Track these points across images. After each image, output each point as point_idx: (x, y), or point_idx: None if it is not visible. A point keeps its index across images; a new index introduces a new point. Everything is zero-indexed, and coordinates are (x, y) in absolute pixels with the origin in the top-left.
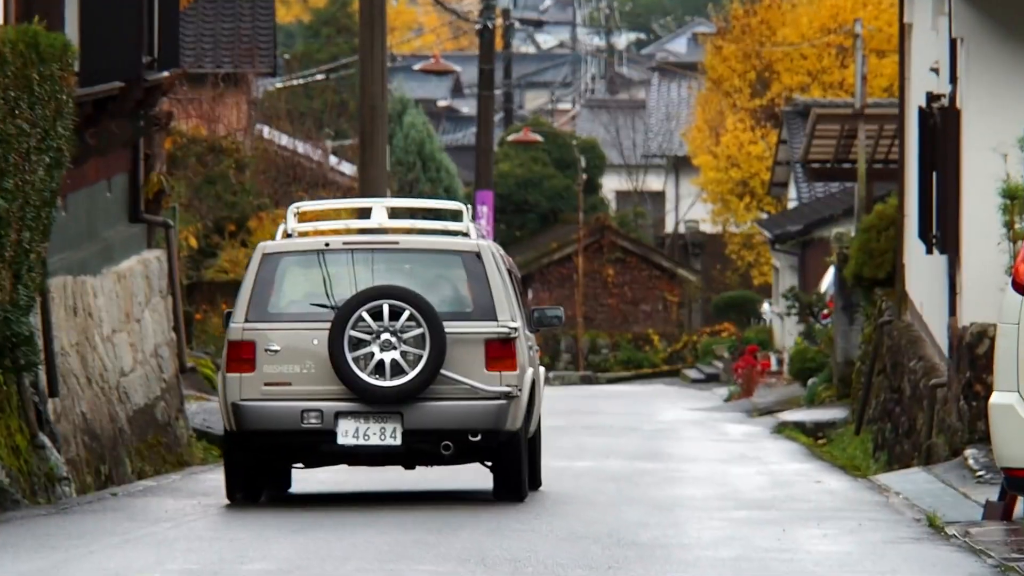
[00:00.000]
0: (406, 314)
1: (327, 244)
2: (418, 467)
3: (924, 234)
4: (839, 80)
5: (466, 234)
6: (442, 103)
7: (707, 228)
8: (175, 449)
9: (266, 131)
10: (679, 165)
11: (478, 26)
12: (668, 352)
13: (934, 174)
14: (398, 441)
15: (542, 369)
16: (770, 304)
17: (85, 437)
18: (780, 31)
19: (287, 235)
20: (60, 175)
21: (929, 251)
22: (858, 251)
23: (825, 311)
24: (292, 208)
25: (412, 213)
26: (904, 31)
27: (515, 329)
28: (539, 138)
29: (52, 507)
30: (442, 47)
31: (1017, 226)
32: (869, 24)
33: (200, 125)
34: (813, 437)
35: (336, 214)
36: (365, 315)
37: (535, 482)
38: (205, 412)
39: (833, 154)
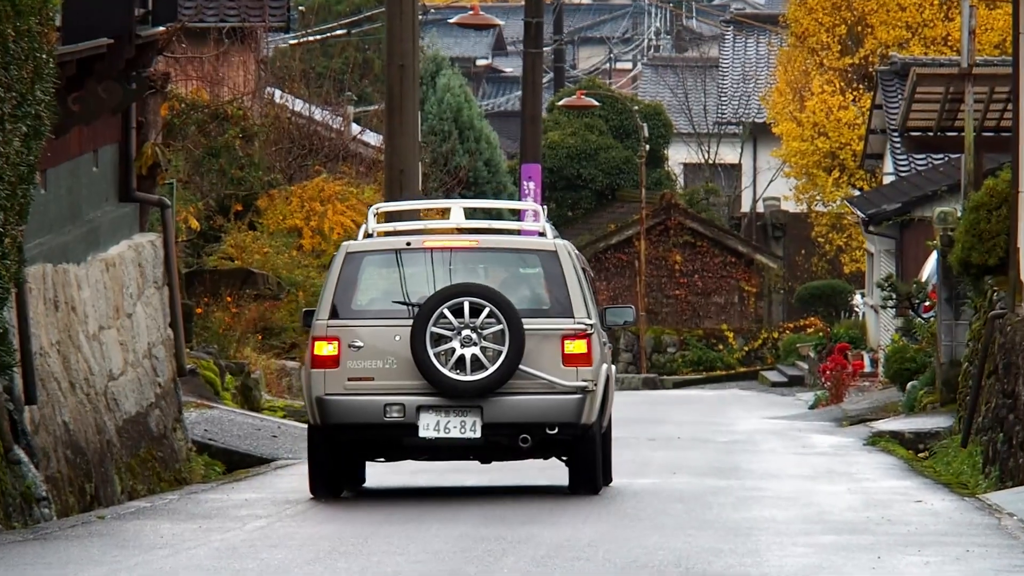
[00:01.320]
0: (486, 311)
1: (408, 243)
2: (465, 464)
3: None
4: (943, 35)
5: (543, 233)
6: (482, 62)
7: (790, 207)
8: (172, 465)
9: (278, 95)
10: (757, 134)
11: None
12: (744, 351)
13: None
14: (478, 434)
15: (613, 367)
16: (863, 295)
17: (67, 451)
18: None
19: (368, 235)
20: (39, 147)
21: None
22: (965, 233)
23: (927, 303)
24: (372, 209)
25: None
26: None
27: (591, 326)
28: (595, 103)
29: (29, 532)
30: None
31: None
32: None
33: (201, 88)
34: (913, 450)
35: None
36: (446, 312)
37: (607, 477)
38: (206, 422)
39: (936, 121)
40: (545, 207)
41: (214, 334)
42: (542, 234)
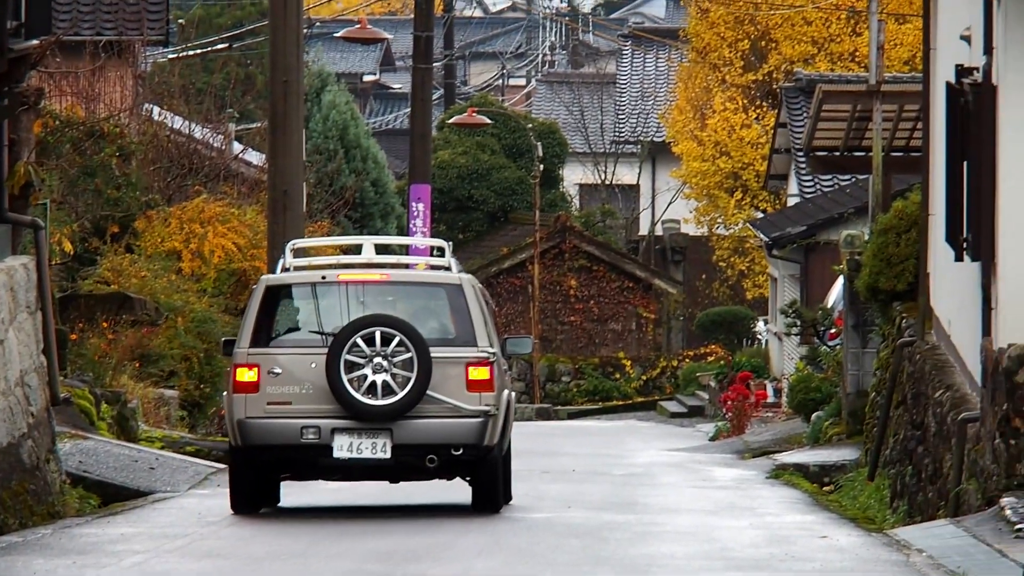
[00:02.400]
0: (396, 340)
1: (323, 277)
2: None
3: (953, 237)
4: (850, 50)
5: (448, 268)
6: (369, 78)
7: (690, 230)
8: (45, 498)
9: (156, 112)
10: (656, 153)
11: None
12: (642, 380)
13: (965, 164)
14: (388, 455)
15: (513, 393)
16: (766, 322)
17: None
18: None
19: (285, 269)
20: None
21: (959, 257)
22: (873, 258)
23: (833, 330)
24: (289, 245)
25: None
26: None
27: (493, 354)
28: (487, 120)
29: None
30: (369, 10)
31: None
32: None
33: (77, 105)
34: (818, 483)
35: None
36: (359, 341)
37: (507, 496)
38: (81, 453)
39: (843, 140)
40: (450, 243)
41: (89, 361)
42: (448, 268)
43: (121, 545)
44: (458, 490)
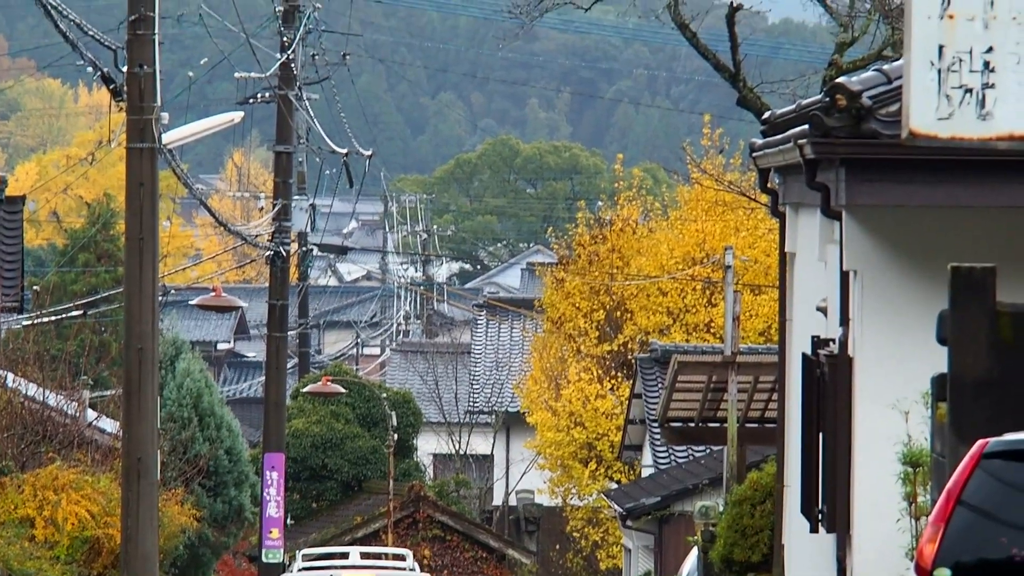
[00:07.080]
0: None
1: None
2: None
3: (808, 509)
4: (705, 321)
5: (413, 570)
6: (224, 346)
7: (544, 500)
8: None
9: (10, 379)
10: (511, 423)
11: (268, 253)
12: None
13: (820, 435)
14: None
15: None
16: None
17: None
18: (635, 261)
19: (297, 570)
20: None
21: (814, 529)
22: (728, 529)
23: None
24: (301, 552)
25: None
26: (785, 262)
27: None
28: (341, 389)
29: None
30: (224, 278)
31: (920, 499)
32: (742, 254)
33: None
34: None
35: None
36: None
37: None
38: None
39: (698, 411)
40: (410, 551)
41: None
42: (412, 571)
43: None
44: None
